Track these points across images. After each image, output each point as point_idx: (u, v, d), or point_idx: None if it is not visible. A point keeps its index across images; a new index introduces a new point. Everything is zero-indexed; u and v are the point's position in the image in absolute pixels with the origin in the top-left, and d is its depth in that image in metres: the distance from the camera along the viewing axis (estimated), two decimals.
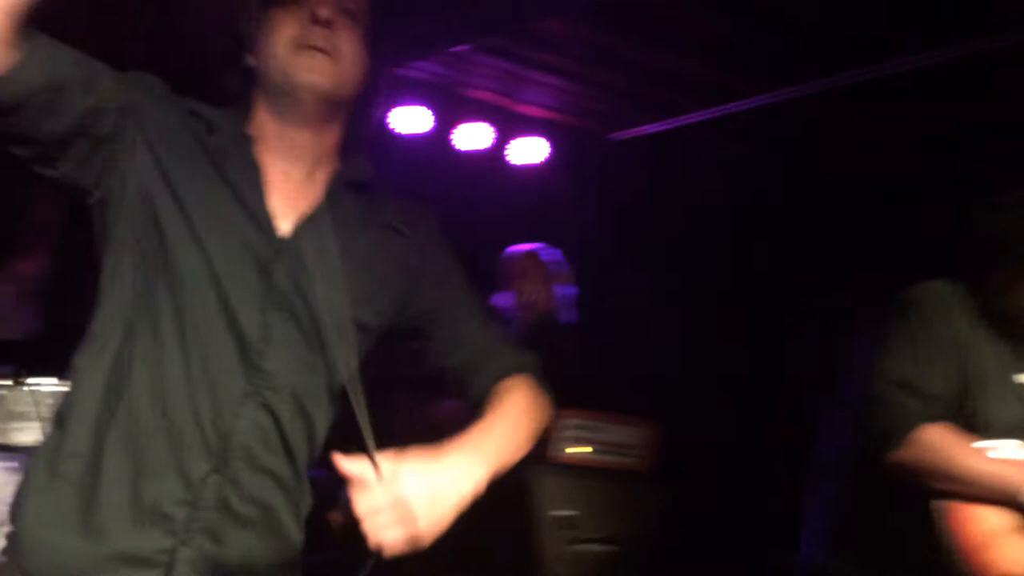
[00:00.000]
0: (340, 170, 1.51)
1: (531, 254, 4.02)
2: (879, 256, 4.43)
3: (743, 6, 3.61)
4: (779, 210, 4.84)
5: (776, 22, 3.69)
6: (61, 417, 1.34)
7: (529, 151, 5.23)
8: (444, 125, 5.04)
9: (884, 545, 2.11)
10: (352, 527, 1.17)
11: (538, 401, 1.61)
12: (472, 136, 5.09)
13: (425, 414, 4.04)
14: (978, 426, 2.04)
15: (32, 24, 1.19)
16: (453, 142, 5.06)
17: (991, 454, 2.00)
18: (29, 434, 3.14)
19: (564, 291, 4.02)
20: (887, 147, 4.58)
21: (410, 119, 4.94)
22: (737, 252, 4.91)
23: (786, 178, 4.88)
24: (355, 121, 1.52)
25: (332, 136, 1.49)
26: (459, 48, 4.35)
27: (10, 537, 1.29)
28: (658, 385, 4.44)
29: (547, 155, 5.24)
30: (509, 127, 5.18)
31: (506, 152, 5.20)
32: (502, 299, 4.00)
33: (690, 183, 5.07)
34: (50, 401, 3.18)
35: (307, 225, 1.43)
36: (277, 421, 1.37)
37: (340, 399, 1.49)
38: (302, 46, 1.38)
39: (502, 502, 3.64)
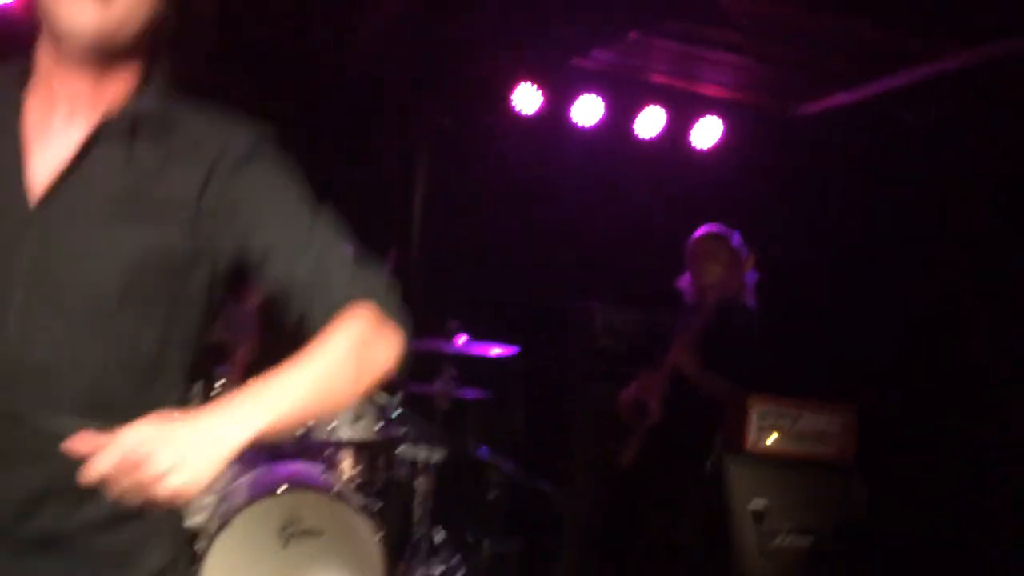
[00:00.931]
0: (114, 112, 1.26)
1: (717, 235, 3.94)
2: None
3: None
4: (982, 180, 4.50)
5: None
6: None
7: (708, 132, 5.14)
8: (621, 113, 5.03)
9: None
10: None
11: (376, 334, 1.30)
12: (650, 121, 5.05)
13: None
14: None
15: None
16: (633, 129, 5.05)
17: None
18: None
19: (749, 276, 3.92)
20: None
21: (587, 109, 4.97)
22: (938, 228, 4.61)
23: (991, 144, 4.53)
24: (155, 66, 1.31)
25: (119, 84, 1.27)
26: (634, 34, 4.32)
27: None
28: (852, 371, 4.25)
29: (723, 135, 5.12)
30: (687, 109, 5.11)
31: (688, 135, 5.13)
32: (685, 281, 3.95)
33: (882, 155, 4.81)
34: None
35: (61, 186, 1.22)
36: None
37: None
38: None
39: (695, 492, 3.64)
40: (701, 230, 3.94)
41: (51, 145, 1.23)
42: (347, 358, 1.25)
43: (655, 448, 3.82)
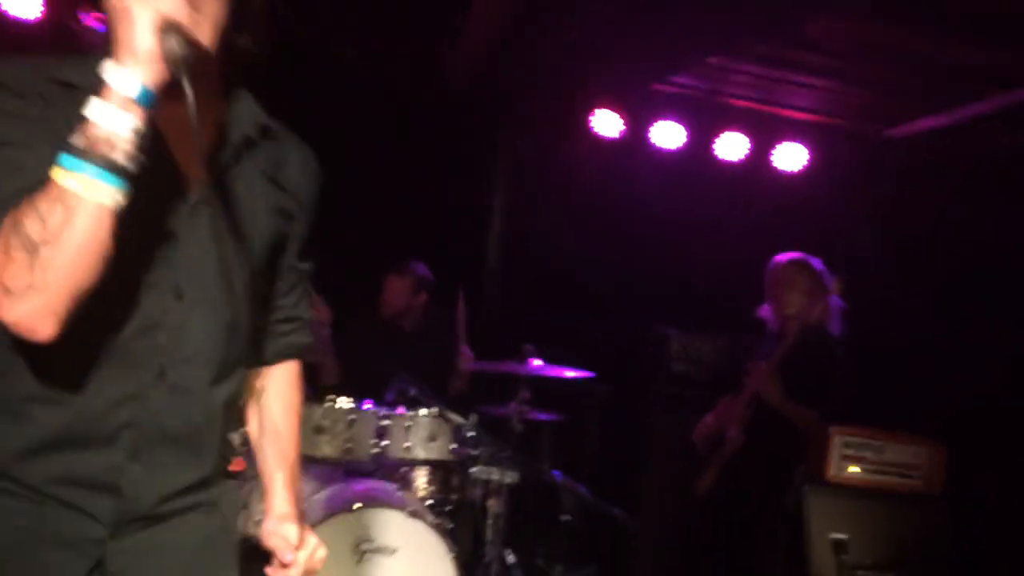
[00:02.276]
0: (232, 119, 1.47)
1: (797, 262, 3.86)
2: None
3: None
4: None
5: None
6: None
7: (791, 156, 5.05)
8: (702, 136, 4.99)
9: None
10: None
11: (295, 398, 1.76)
12: (732, 146, 5.00)
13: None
14: None
15: None
16: (714, 152, 5.01)
17: None
18: (330, 447, 3.47)
19: (833, 303, 3.83)
20: None
21: (667, 133, 4.95)
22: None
23: None
24: (237, 59, 1.43)
25: (211, 81, 1.42)
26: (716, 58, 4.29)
27: None
28: (943, 401, 4.09)
29: (809, 159, 5.03)
30: (769, 133, 5.04)
31: (771, 159, 5.05)
32: (767, 310, 3.88)
33: (974, 179, 4.64)
34: (351, 417, 3.49)
35: (213, 186, 1.44)
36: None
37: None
38: None
39: (777, 522, 3.55)
40: (782, 257, 3.86)
41: (187, 146, 1.39)
42: (294, 439, 1.77)
43: (734, 476, 3.74)
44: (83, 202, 1.18)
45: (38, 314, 1.21)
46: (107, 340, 1.36)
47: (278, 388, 1.74)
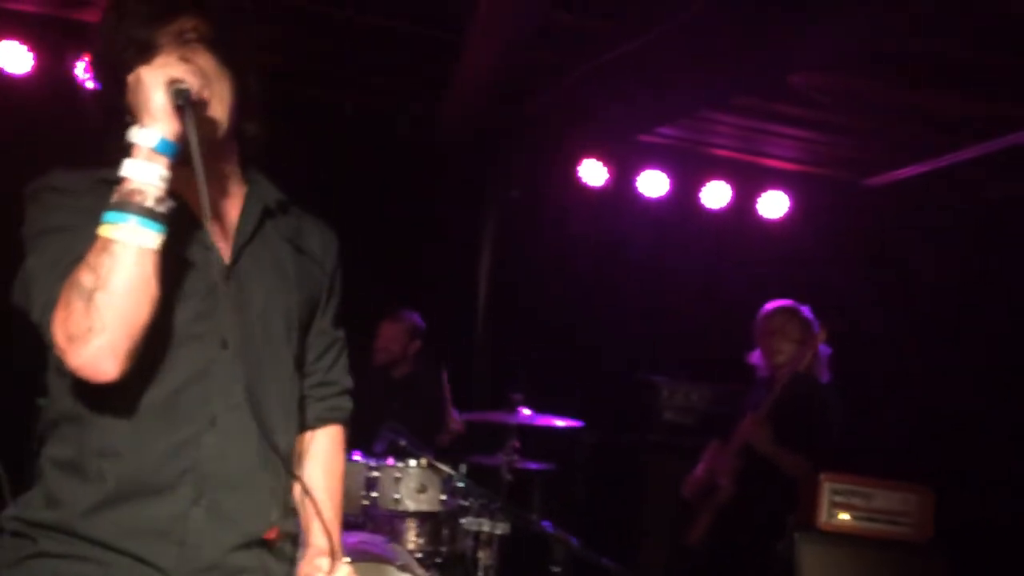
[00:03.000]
0: (250, 193, 1.63)
1: (787, 311, 3.81)
2: None
3: (997, 30, 3.36)
4: None
5: None
6: None
7: (774, 205, 5.13)
8: (686, 186, 5.06)
9: None
10: None
11: (336, 462, 1.79)
12: (715, 194, 5.08)
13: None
14: None
15: None
16: (699, 200, 5.08)
17: None
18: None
19: (822, 351, 3.86)
20: None
21: (652, 183, 5.02)
22: (1016, 303, 4.48)
23: None
24: (248, 144, 1.63)
25: (229, 161, 1.60)
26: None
27: None
28: (932, 448, 4.12)
29: (790, 207, 5.11)
30: (752, 182, 5.12)
31: (755, 207, 5.13)
32: (756, 357, 3.90)
33: (956, 227, 4.72)
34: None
35: (243, 250, 1.58)
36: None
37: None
38: None
39: (760, 568, 3.54)
40: (770, 305, 3.88)
41: (216, 218, 1.56)
42: (336, 497, 1.78)
43: (726, 526, 3.74)
44: (126, 247, 1.34)
45: (101, 354, 1.34)
46: (160, 391, 1.46)
47: (320, 452, 1.77)
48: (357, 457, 3.52)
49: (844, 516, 3.48)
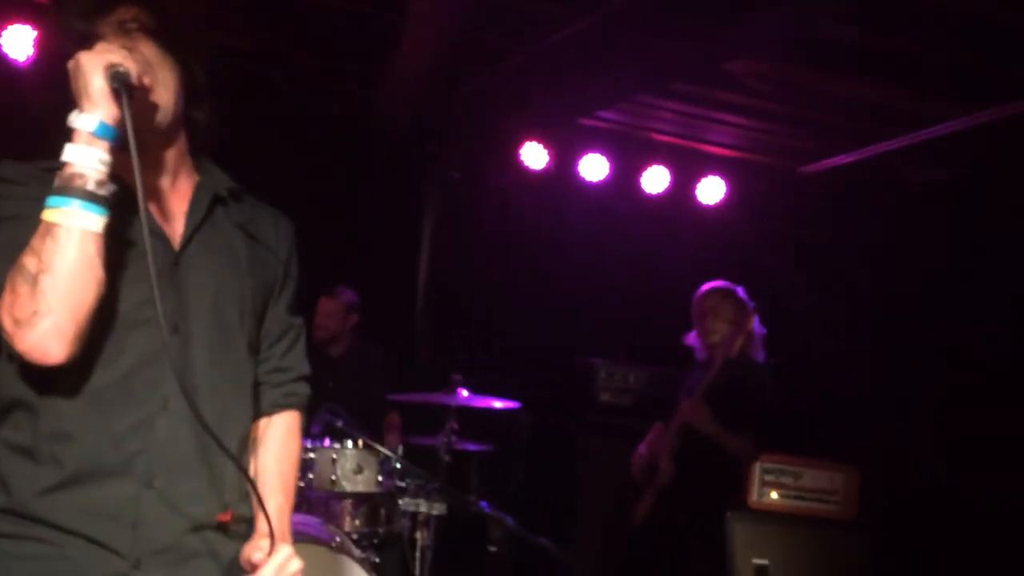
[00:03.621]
0: (201, 181, 1.65)
1: (721, 291, 3.86)
2: None
3: (935, 26, 3.45)
4: (980, 239, 4.53)
5: (972, 40, 3.51)
6: None
7: (711, 191, 5.21)
8: (627, 170, 5.10)
9: None
10: None
11: (291, 448, 1.77)
12: (655, 179, 5.13)
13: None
14: None
15: None
16: (640, 186, 5.12)
17: None
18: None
19: (756, 330, 3.93)
20: None
21: (593, 167, 5.05)
22: (936, 285, 4.63)
23: (987, 206, 4.58)
24: (197, 133, 1.65)
25: (177, 150, 1.62)
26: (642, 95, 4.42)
27: None
28: (857, 427, 4.24)
29: (727, 193, 5.19)
30: (691, 168, 5.18)
31: (694, 192, 5.20)
32: (693, 338, 3.96)
33: (883, 214, 4.85)
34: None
35: (193, 236, 1.59)
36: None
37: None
38: None
39: (700, 548, 3.61)
40: (705, 287, 3.94)
41: (165, 205, 1.60)
42: (291, 482, 1.75)
43: (666, 506, 3.79)
44: (68, 231, 1.36)
45: (47, 336, 1.36)
46: (111, 374, 1.47)
47: (274, 438, 1.75)
48: None
49: (774, 495, 3.57)
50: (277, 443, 1.75)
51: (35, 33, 4.03)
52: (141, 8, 1.54)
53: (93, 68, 1.37)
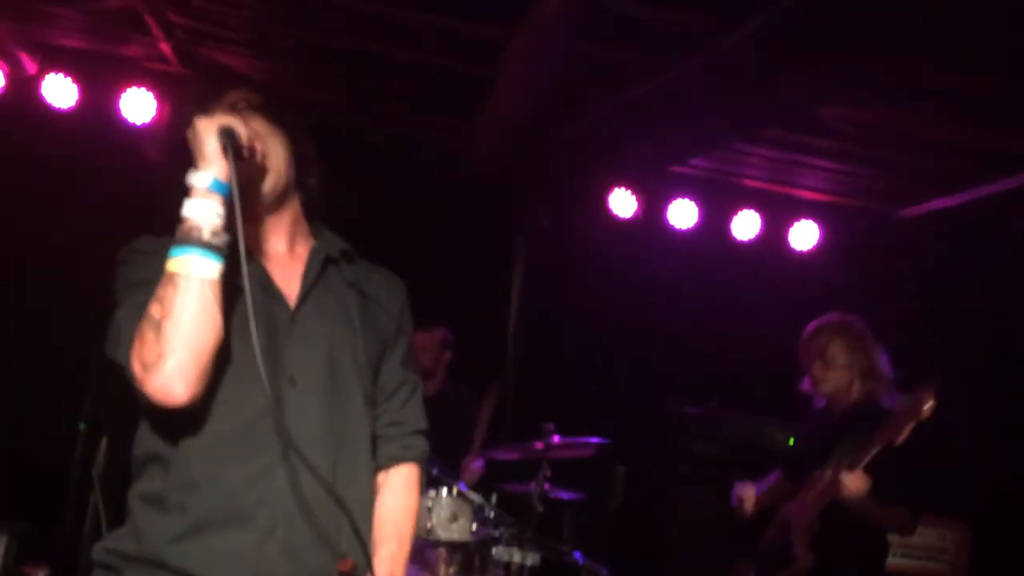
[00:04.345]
0: (316, 245, 1.75)
1: (828, 329, 3.29)
2: None
3: None
4: None
5: None
6: None
7: (804, 235, 5.13)
8: (716, 216, 5.07)
9: None
10: None
11: (408, 500, 1.80)
12: (745, 225, 5.08)
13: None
14: None
15: None
16: (731, 232, 5.08)
17: None
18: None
19: (883, 367, 3.27)
20: None
21: (682, 213, 5.03)
22: None
23: None
24: (310, 199, 1.76)
25: (291, 214, 1.73)
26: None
27: None
28: (969, 483, 4.07)
29: (820, 237, 5.10)
30: (782, 213, 5.12)
31: (786, 238, 5.13)
32: (807, 385, 3.37)
33: (988, 259, 4.70)
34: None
35: (308, 294, 1.68)
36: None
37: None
38: None
39: None
40: (811, 325, 3.37)
41: (284, 267, 1.70)
42: (406, 545, 1.79)
43: None
44: (188, 278, 1.47)
45: (171, 377, 1.45)
46: (234, 424, 1.56)
47: (391, 489, 1.80)
48: None
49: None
50: (393, 494, 1.79)
51: (76, 85, 4.26)
52: (248, 90, 1.70)
53: (207, 130, 1.50)
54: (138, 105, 4.31)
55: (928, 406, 2.82)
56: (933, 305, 4.89)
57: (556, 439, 3.76)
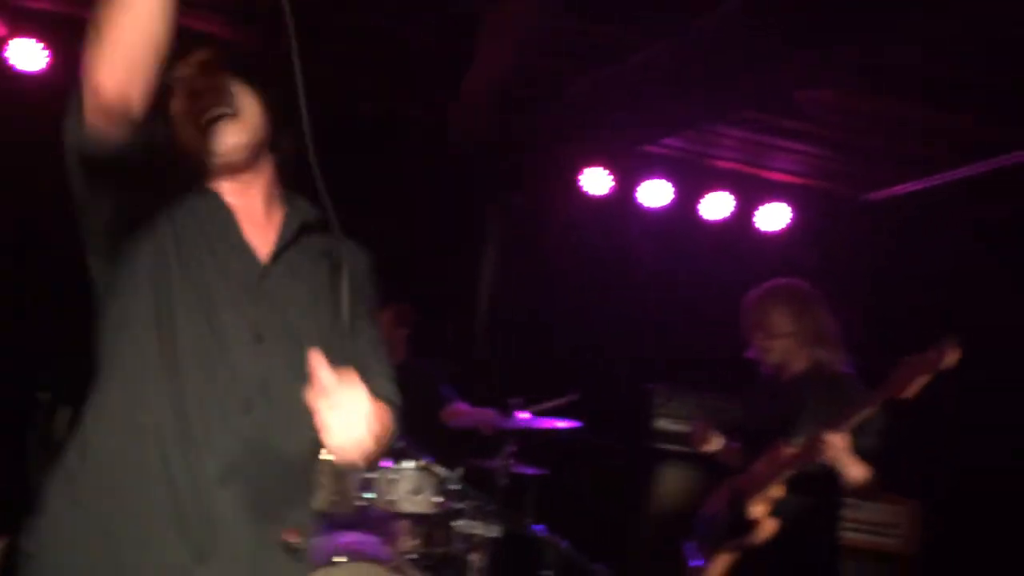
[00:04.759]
0: (290, 211, 1.77)
1: (767, 298, 3.17)
2: None
3: (1005, 53, 3.40)
4: None
5: None
6: None
7: (775, 216, 5.17)
8: (688, 196, 5.10)
9: None
10: None
11: (385, 424, 1.72)
12: (717, 205, 5.11)
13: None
14: None
15: None
16: (702, 212, 5.11)
17: None
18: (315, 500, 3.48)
19: (828, 330, 3.13)
20: None
21: (654, 192, 5.06)
22: (999, 319, 4.51)
23: None
24: (284, 162, 1.78)
25: (267, 177, 1.75)
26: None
27: None
28: (917, 460, 4.14)
29: (792, 219, 5.14)
30: (753, 194, 5.16)
31: (754, 219, 5.16)
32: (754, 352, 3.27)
33: (949, 243, 4.76)
34: (336, 469, 3.50)
35: (280, 255, 1.71)
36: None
37: None
38: None
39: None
40: (751, 294, 3.26)
41: (258, 227, 1.71)
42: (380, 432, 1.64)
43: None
44: None
45: (95, 61, 1.40)
46: (197, 372, 1.57)
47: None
48: None
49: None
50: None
51: (46, 49, 4.19)
52: (217, 49, 1.68)
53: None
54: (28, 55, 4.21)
55: (951, 358, 2.69)
56: (897, 289, 4.95)
57: (522, 415, 3.81)
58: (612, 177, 5.02)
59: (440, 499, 3.63)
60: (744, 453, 3.21)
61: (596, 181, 5.02)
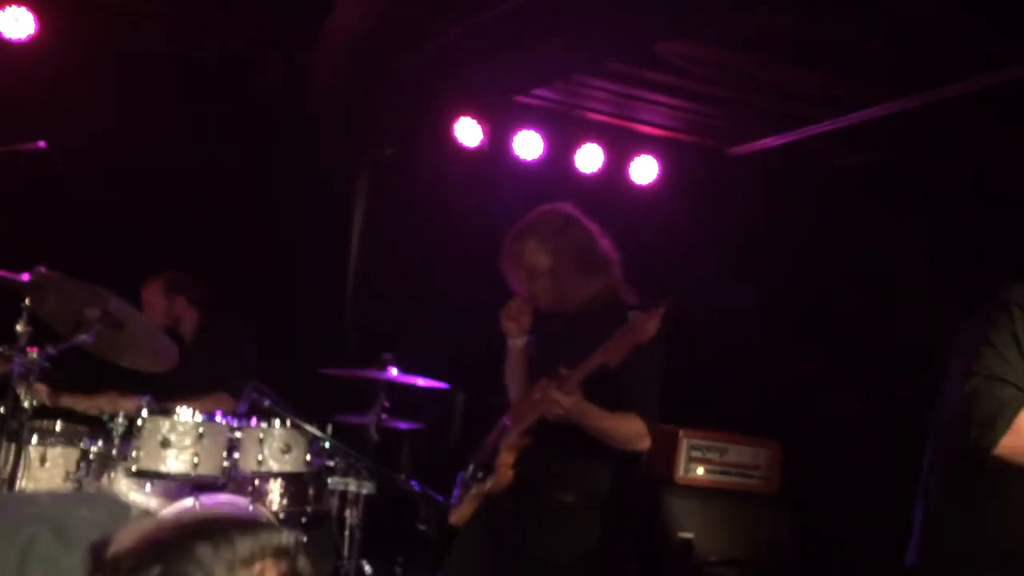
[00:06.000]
0: None
1: (522, 236, 3.00)
2: (995, 269, 4.20)
3: (866, 13, 3.52)
4: (904, 223, 4.66)
5: (900, 28, 3.59)
6: None
7: (644, 170, 5.24)
8: (561, 148, 5.10)
9: (974, 541, 2.10)
10: None
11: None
12: (589, 158, 5.13)
13: None
14: None
15: None
16: (575, 164, 5.12)
17: None
18: (177, 461, 3.33)
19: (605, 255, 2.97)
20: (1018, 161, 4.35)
21: (527, 144, 5.03)
22: (860, 266, 4.75)
23: (911, 190, 4.71)
24: None
25: None
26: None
27: None
28: (778, 405, 4.33)
29: (659, 172, 5.23)
30: (624, 147, 5.20)
31: (627, 171, 5.22)
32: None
33: (809, 196, 4.96)
34: (200, 430, 3.35)
35: None
36: None
37: None
38: None
39: (625, 522, 3.65)
40: (509, 233, 3.01)
41: None
42: None
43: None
44: None
45: None
46: None
47: None
48: (219, 418, 3.42)
49: (700, 470, 3.65)
50: None
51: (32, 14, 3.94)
52: None
53: None
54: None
55: (652, 328, 2.43)
56: (761, 241, 5.13)
57: (392, 368, 3.74)
58: (484, 129, 4.95)
59: (311, 457, 3.54)
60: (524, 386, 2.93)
61: (469, 132, 4.94)
